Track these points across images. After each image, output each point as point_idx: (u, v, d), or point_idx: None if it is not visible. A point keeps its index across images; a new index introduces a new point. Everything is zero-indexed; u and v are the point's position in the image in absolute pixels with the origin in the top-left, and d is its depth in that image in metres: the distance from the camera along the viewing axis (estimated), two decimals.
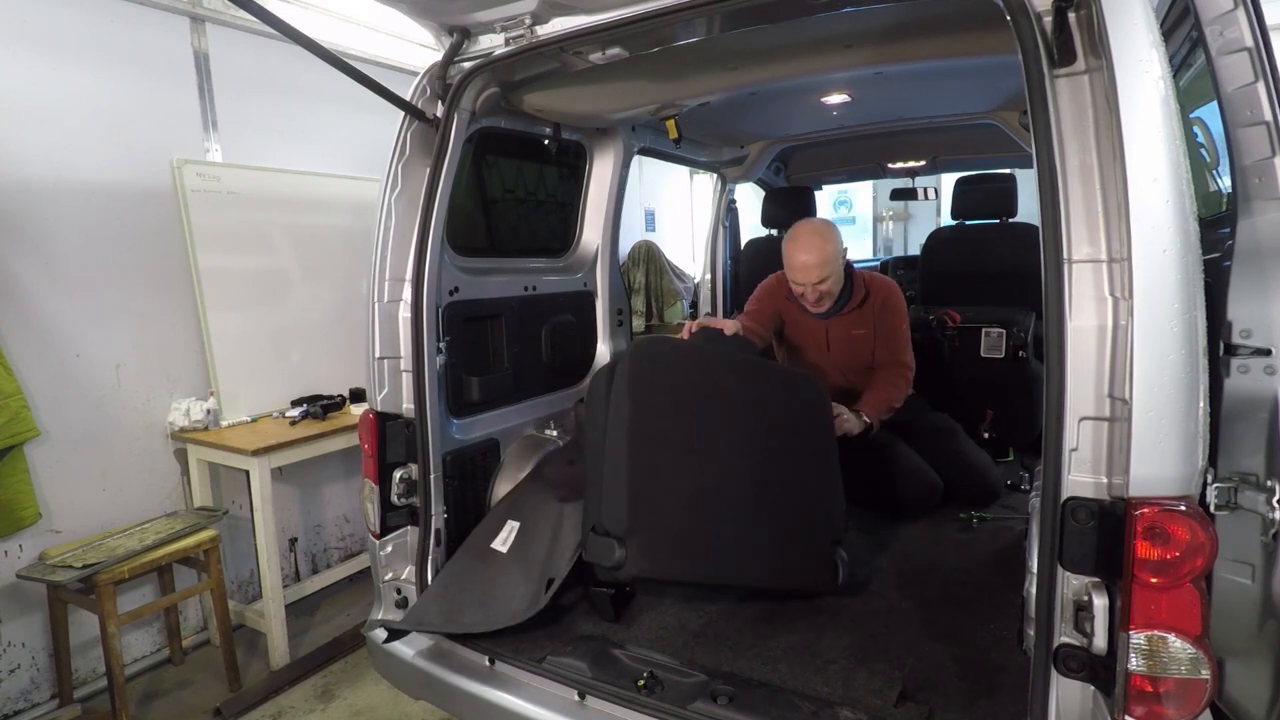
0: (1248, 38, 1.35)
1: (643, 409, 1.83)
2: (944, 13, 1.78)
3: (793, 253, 2.58)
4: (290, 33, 1.65)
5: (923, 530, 2.52)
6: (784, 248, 2.63)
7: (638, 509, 1.78)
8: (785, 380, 2.22)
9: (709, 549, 1.87)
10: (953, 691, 1.64)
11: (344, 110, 3.63)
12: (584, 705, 1.68)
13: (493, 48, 1.96)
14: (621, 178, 2.95)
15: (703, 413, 1.92)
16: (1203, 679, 1.17)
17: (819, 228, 2.65)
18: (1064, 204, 1.23)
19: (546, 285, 2.72)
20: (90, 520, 2.85)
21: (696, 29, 1.81)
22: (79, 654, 2.83)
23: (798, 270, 2.58)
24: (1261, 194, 1.36)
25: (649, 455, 1.82)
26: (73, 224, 2.80)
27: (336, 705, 2.81)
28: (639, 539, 1.76)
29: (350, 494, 3.83)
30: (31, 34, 2.69)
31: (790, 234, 2.65)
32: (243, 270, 3.31)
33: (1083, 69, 1.25)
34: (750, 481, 1.94)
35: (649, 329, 6.20)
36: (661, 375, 1.90)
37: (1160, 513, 1.13)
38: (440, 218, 2.04)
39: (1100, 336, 1.20)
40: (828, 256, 2.54)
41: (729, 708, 1.58)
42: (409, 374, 2.04)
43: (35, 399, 2.67)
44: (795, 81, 2.41)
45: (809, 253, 2.55)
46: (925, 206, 8.54)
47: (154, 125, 3.03)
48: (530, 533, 2.09)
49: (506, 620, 1.88)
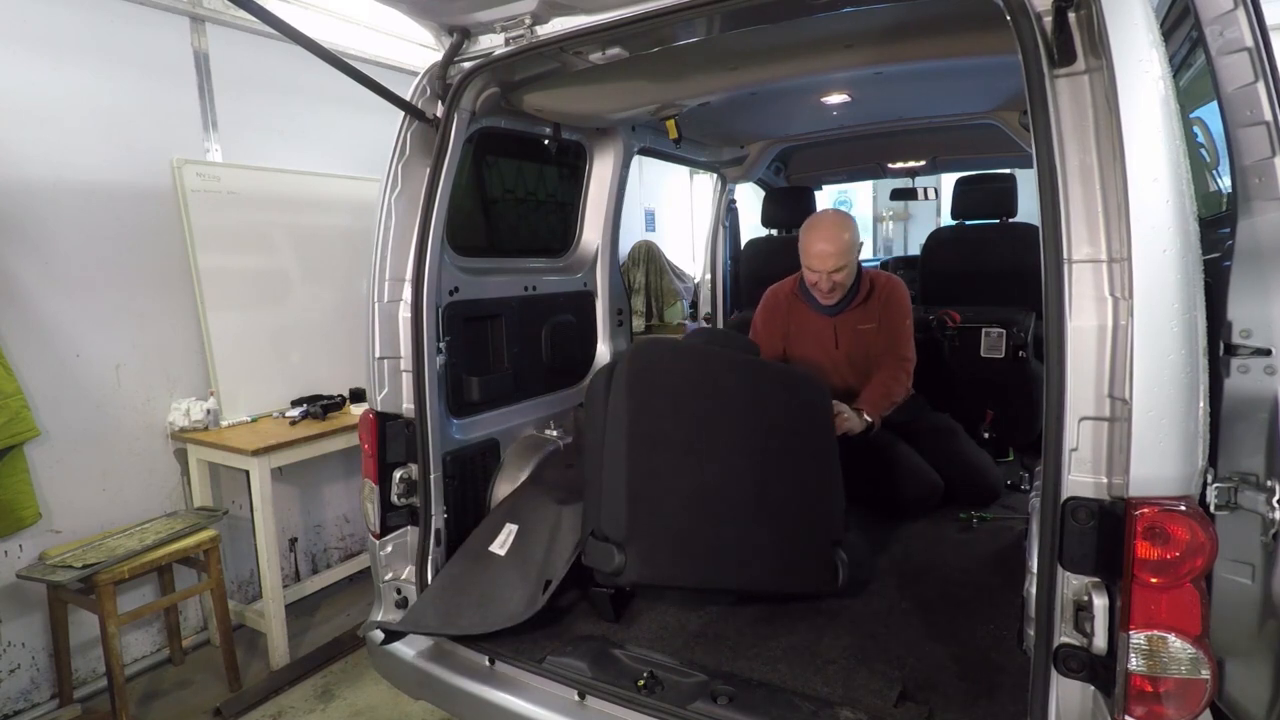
0: (1248, 38, 1.35)
1: (641, 411, 1.83)
2: (944, 13, 1.78)
3: (811, 240, 2.60)
4: (290, 33, 1.65)
5: (923, 530, 2.52)
6: (802, 235, 2.65)
7: (637, 514, 1.77)
8: (785, 379, 2.21)
9: (709, 552, 1.87)
10: (953, 691, 1.64)
11: (344, 110, 3.63)
12: (584, 705, 1.67)
13: (493, 48, 1.96)
14: (621, 178, 2.95)
15: (702, 413, 1.92)
16: (1203, 679, 1.17)
17: (838, 218, 2.67)
18: (1064, 204, 1.23)
19: (546, 285, 2.72)
20: (90, 520, 2.85)
21: (696, 29, 1.81)
22: (79, 654, 2.83)
23: (815, 258, 2.59)
24: (1261, 194, 1.36)
25: (648, 457, 1.82)
26: (73, 224, 2.80)
27: (336, 705, 2.81)
28: (638, 545, 1.76)
29: (350, 494, 3.83)
30: (31, 34, 2.69)
31: (809, 222, 2.67)
32: (243, 270, 3.31)
33: (1083, 69, 1.25)
34: (750, 482, 1.94)
35: (649, 329, 6.21)
36: (660, 376, 1.90)
37: (1160, 513, 1.13)
38: (440, 218, 2.04)
39: (1100, 336, 1.20)
40: (845, 246, 2.57)
41: (729, 708, 1.58)
42: (409, 374, 2.04)
43: (35, 399, 2.67)
44: (795, 81, 2.41)
45: (828, 241, 2.57)
46: (925, 206, 8.55)
47: (154, 125, 3.03)
48: (528, 535, 2.08)
49: (504, 622, 1.88)
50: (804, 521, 2.02)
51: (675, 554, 1.83)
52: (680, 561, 1.84)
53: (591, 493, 1.91)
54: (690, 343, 2.16)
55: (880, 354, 2.74)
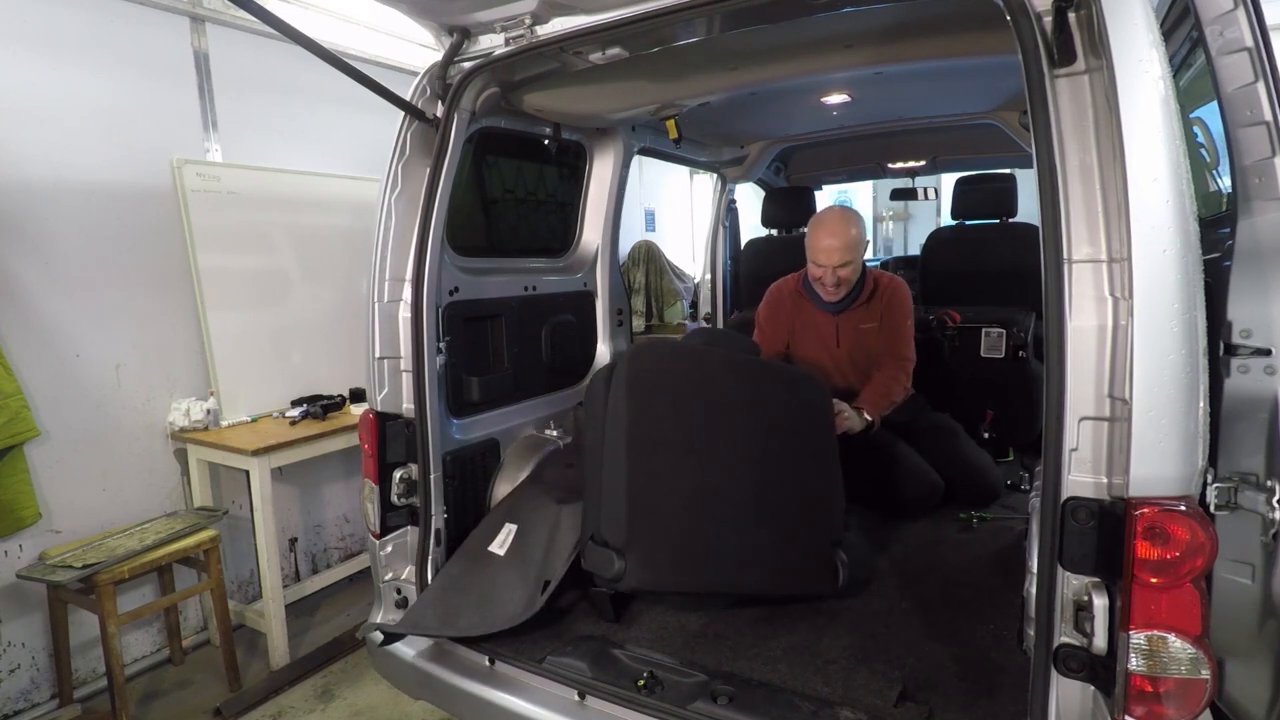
0: (1248, 38, 1.35)
1: (641, 413, 1.83)
2: (944, 13, 1.78)
3: (819, 236, 2.61)
4: (290, 33, 1.65)
5: (923, 530, 2.52)
6: (810, 230, 2.65)
7: (636, 520, 1.77)
8: (785, 379, 2.21)
9: (709, 555, 1.87)
10: (953, 691, 1.64)
11: (344, 110, 3.63)
12: (584, 705, 1.67)
13: (493, 48, 1.96)
14: (621, 178, 2.95)
15: (702, 415, 1.91)
16: (1203, 679, 1.17)
17: (846, 214, 2.68)
18: (1064, 204, 1.23)
19: (546, 285, 2.72)
20: (90, 520, 2.85)
21: (696, 29, 1.81)
22: (79, 654, 2.83)
23: (821, 252, 2.60)
24: (1261, 194, 1.36)
25: (648, 461, 1.82)
26: (73, 224, 2.80)
27: (336, 705, 2.81)
28: (638, 551, 1.75)
29: (350, 494, 3.83)
30: (31, 34, 2.69)
31: (816, 218, 2.68)
32: (243, 270, 3.30)
33: (1083, 69, 1.25)
34: (751, 483, 1.93)
35: (649, 329, 6.20)
36: (660, 378, 1.90)
37: (1160, 513, 1.13)
38: (440, 218, 2.04)
39: (1100, 336, 1.19)
40: (851, 242, 2.58)
41: (729, 708, 1.58)
42: (409, 374, 2.04)
43: (35, 399, 2.67)
44: (795, 81, 2.41)
45: (835, 236, 2.57)
46: (925, 206, 8.55)
47: (154, 125, 3.03)
48: (527, 535, 2.08)
49: (503, 623, 1.87)
50: (804, 522, 2.02)
51: (676, 559, 1.83)
52: (681, 566, 1.83)
53: (591, 495, 1.91)
54: (690, 344, 2.15)
55: (881, 354, 2.74)
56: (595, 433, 1.92)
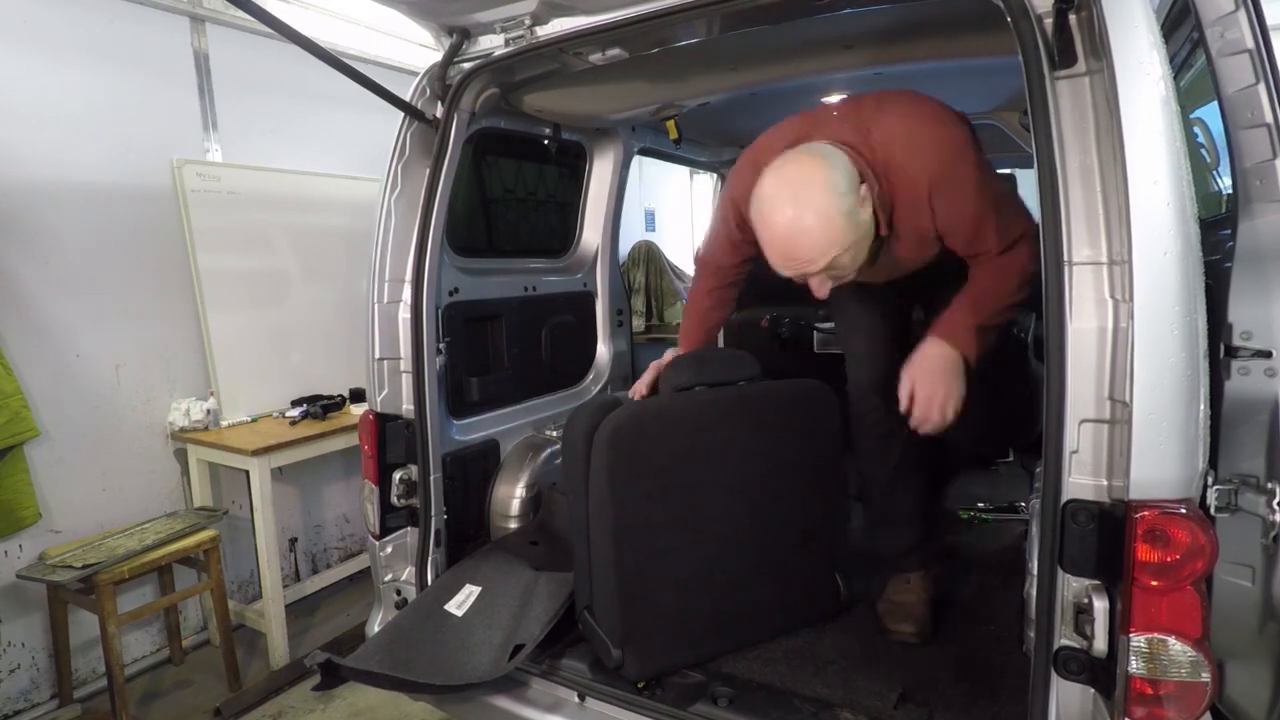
0: (1248, 39, 1.34)
1: (626, 501, 1.68)
2: (944, 13, 1.77)
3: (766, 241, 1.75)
4: (290, 33, 1.65)
5: None
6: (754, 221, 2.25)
7: (631, 614, 1.68)
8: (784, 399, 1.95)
9: (710, 628, 1.79)
10: (953, 693, 1.64)
11: (344, 110, 3.63)
12: (584, 707, 1.68)
13: (492, 48, 1.96)
14: (621, 178, 2.95)
15: (694, 482, 1.76)
16: (1203, 682, 1.17)
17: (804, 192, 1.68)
18: (1064, 206, 1.23)
19: (546, 286, 2.72)
20: (90, 520, 2.85)
21: (697, 29, 1.80)
22: (79, 654, 2.83)
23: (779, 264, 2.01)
24: (1262, 196, 1.36)
25: (638, 551, 1.69)
26: (73, 224, 2.80)
27: (336, 705, 2.81)
28: (636, 645, 1.68)
29: (350, 494, 3.83)
30: (31, 34, 2.69)
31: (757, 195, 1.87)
32: (243, 270, 3.30)
33: (1083, 71, 1.25)
34: (750, 539, 1.82)
35: (649, 329, 6.19)
36: (642, 458, 1.71)
37: (1161, 515, 1.13)
38: (440, 218, 2.03)
39: (1100, 339, 1.19)
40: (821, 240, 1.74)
41: (729, 709, 1.58)
42: (409, 375, 2.03)
43: (35, 399, 2.67)
44: (795, 82, 2.40)
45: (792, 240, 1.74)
46: None
47: (154, 125, 3.03)
48: (494, 598, 1.94)
49: (459, 680, 1.70)
50: (808, 554, 1.91)
51: (675, 644, 1.74)
52: (681, 650, 1.75)
53: (580, 568, 1.80)
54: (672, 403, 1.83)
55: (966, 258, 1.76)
56: (577, 498, 1.77)
